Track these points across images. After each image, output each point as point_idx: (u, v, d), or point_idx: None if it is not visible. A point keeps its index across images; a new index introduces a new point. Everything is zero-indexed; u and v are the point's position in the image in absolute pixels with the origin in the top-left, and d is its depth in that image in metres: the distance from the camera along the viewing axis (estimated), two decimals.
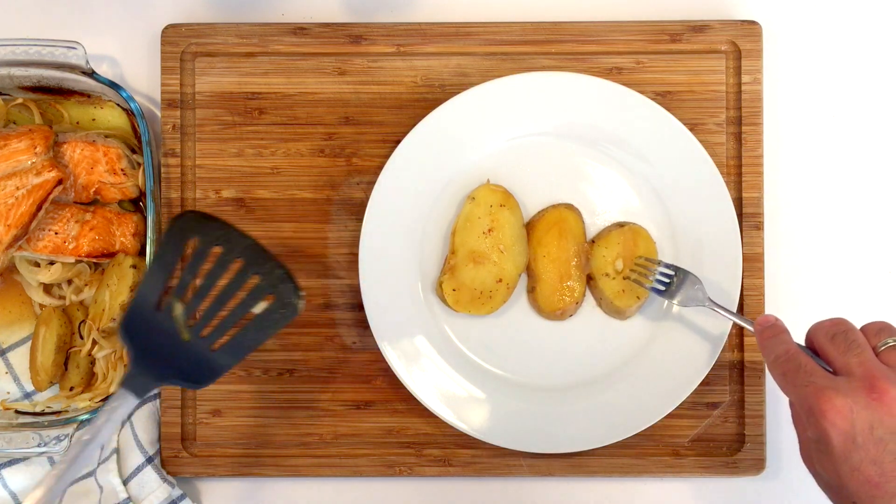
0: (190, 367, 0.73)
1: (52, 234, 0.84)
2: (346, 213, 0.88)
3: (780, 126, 0.90)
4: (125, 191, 0.86)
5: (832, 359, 0.66)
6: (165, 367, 0.72)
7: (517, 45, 0.88)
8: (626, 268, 0.85)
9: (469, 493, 0.89)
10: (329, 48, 0.89)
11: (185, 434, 0.88)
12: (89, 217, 0.85)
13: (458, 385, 0.86)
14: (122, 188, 0.86)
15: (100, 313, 0.84)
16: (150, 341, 0.73)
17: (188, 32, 0.88)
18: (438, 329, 0.87)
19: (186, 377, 0.73)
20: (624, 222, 0.86)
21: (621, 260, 0.85)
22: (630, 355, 0.87)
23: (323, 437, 0.88)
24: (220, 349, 0.73)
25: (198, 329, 0.74)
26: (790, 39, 0.91)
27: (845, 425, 0.62)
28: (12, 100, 0.87)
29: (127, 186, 0.86)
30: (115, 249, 0.86)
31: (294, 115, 0.89)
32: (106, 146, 0.85)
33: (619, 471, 0.87)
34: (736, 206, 0.86)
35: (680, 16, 0.90)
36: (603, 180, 0.87)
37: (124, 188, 0.86)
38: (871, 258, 0.90)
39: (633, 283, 0.84)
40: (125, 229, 0.86)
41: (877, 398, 0.62)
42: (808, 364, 0.66)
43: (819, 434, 0.63)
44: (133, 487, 0.85)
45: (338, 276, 0.88)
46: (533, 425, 0.85)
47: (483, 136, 0.87)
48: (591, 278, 0.86)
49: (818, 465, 0.65)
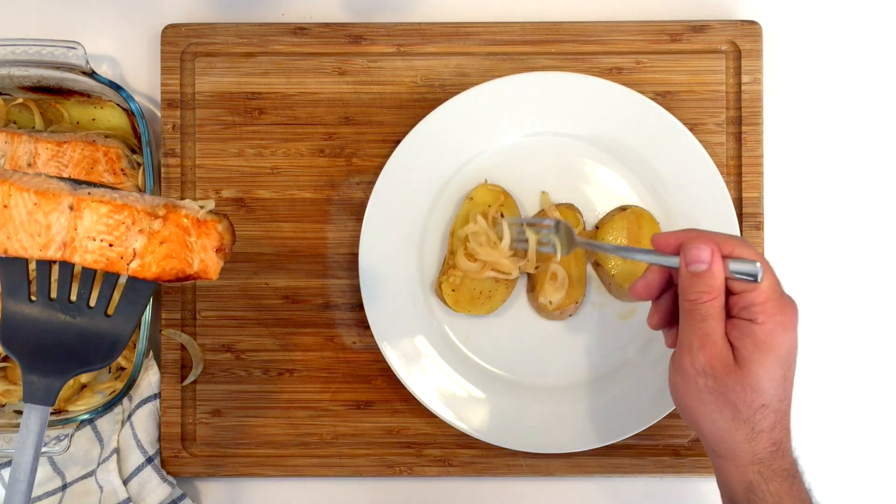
0: (89, 348, 0.67)
1: (105, 246, 0.66)
2: (346, 213, 0.88)
3: (780, 126, 0.90)
4: None
5: None
6: (63, 360, 0.67)
7: (517, 45, 0.88)
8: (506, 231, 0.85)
9: (469, 493, 0.89)
10: (329, 48, 0.89)
11: (185, 434, 0.88)
12: (159, 226, 0.66)
13: (458, 385, 0.86)
14: (121, 188, 0.85)
15: None
16: (38, 340, 0.67)
17: (188, 32, 0.88)
18: (438, 329, 0.87)
19: (88, 360, 0.67)
20: (626, 205, 0.86)
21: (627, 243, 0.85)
22: (630, 355, 0.87)
23: (323, 437, 0.88)
24: (118, 310, 0.67)
25: (82, 303, 0.67)
26: (790, 39, 0.91)
27: None
28: (12, 100, 0.87)
29: (127, 187, 0.86)
30: (192, 272, 0.67)
31: (294, 115, 0.89)
32: (106, 146, 0.85)
33: (619, 471, 0.87)
34: (736, 206, 0.86)
35: (680, 16, 0.90)
36: (603, 180, 0.87)
37: (124, 188, 0.86)
38: (871, 258, 0.90)
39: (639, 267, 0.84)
40: (206, 242, 0.67)
41: None
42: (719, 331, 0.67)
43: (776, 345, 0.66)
44: (133, 487, 0.85)
45: (338, 276, 0.88)
46: (533, 425, 0.85)
47: (483, 136, 0.87)
48: (598, 265, 0.86)
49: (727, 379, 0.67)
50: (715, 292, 0.66)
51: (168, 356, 0.87)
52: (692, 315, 0.67)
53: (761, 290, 0.66)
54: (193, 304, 0.88)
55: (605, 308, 0.87)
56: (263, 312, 0.88)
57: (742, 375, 0.65)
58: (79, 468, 0.87)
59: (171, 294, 0.88)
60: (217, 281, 0.87)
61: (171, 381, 0.87)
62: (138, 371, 0.82)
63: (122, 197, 0.67)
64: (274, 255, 0.88)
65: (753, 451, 0.66)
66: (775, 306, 0.66)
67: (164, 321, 0.88)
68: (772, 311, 0.66)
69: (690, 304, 0.67)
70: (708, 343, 0.66)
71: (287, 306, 0.88)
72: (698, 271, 0.66)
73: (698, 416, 0.68)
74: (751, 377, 0.65)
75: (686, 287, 0.67)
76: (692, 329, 0.67)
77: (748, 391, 0.65)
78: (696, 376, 0.67)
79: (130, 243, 0.66)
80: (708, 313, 0.66)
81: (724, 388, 0.66)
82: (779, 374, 0.66)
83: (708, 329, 0.66)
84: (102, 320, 0.68)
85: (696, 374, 0.67)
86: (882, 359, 0.90)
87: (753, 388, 0.65)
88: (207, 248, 0.67)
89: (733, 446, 0.67)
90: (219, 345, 0.88)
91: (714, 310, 0.66)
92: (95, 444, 0.87)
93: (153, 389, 0.87)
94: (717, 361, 0.66)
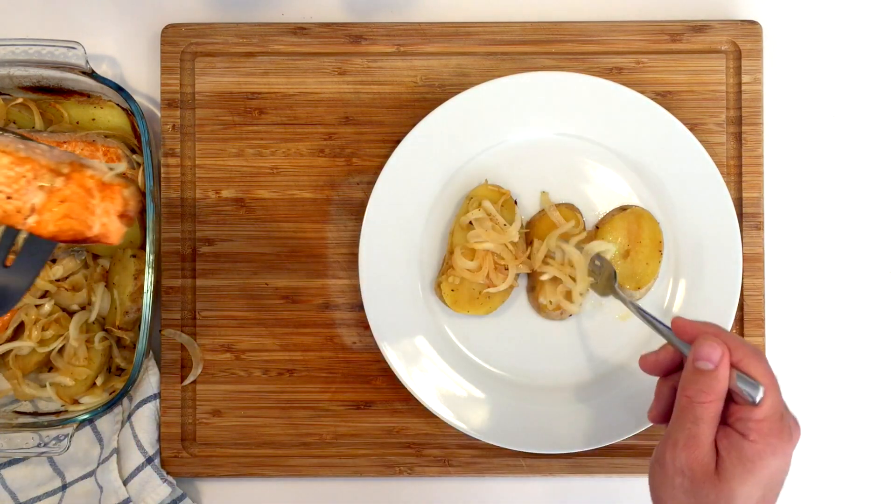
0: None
1: (2, 198, 0.62)
2: (346, 213, 0.88)
3: (780, 126, 0.90)
4: None
5: None
6: None
7: (517, 45, 0.88)
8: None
9: (469, 493, 0.89)
10: (329, 48, 0.89)
11: (185, 434, 0.88)
12: (61, 184, 0.64)
13: (458, 385, 0.86)
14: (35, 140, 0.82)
15: (113, 312, 0.85)
16: None
17: (188, 32, 0.88)
18: (438, 329, 0.87)
19: None
20: (626, 206, 0.86)
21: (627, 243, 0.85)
22: (630, 355, 0.87)
23: (323, 437, 0.88)
24: (17, 262, 0.65)
25: None
26: (790, 39, 0.91)
27: None
28: (12, 100, 0.87)
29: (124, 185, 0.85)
30: (91, 234, 0.65)
31: (294, 115, 0.89)
32: (106, 146, 0.85)
33: (619, 471, 0.87)
34: (736, 206, 0.86)
35: (680, 16, 0.90)
36: (603, 180, 0.87)
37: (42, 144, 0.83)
38: (870, 258, 0.90)
39: (642, 264, 0.84)
40: (109, 206, 0.65)
41: None
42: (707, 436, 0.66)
43: None
44: (133, 487, 0.85)
45: (338, 276, 0.88)
46: (533, 425, 0.85)
47: (483, 136, 0.87)
48: None
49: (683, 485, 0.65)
50: (714, 395, 0.65)
51: (168, 356, 0.87)
52: (685, 412, 0.65)
53: (761, 408, 0.64)
54: (193, 304, 0.88)
55: (605, 308, 0.87)
56: (263, 312, 0.88)
57: (720, 487, 0.64)
58: (79, 468, 0.87)
59: (171, 294, 0.88)
60: (217, 281, 0.88)
61: (171, 381, 0.87)
62: (138, 371, 0.82)
63: (27, 149, 0.64)
64: (274, 255, 0.88)
65: None
66: (771, 428, 0.64)
67: (164, 321, 0.88)
68: (766, 432, 0.64)
69: (687, 399, 0.65)
70: (693, 445, 0.65)
71: (287, 306, 0.88)
72: (704, 369, 0.65)
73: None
74: (727, 491, 0.64)
75: (687, 381, 0.66)
76: (681, 427, 0.65)
77: (721, 501, 0.64)
78: (675, 474, 0.65)
79: (29, 198, 0.63)
80: (701, 416, 0.65)
81: (698, 492, 0.64)
82: (756, 495, 0.64)
83: (697, 431, 0.65)
84: (0, 272, 0.65)
85: (675, 472, 0.65)
86: (882, 359, 0.90)
87: (727, 500, 0.64)
88: (110, 212, 0.65)
89: None
90: (219, 345, 0.88)
91: (709, 414, 0.65)
92: (95, 445, 0.87)
93: (153, 389, 0.87)
94: (698, 465, 0.64)
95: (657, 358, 0.71)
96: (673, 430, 0.66)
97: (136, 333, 0.85)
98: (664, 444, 0.66)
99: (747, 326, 0.87)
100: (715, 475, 0.64)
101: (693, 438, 0.65)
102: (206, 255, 0.88)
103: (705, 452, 0.65)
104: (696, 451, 0.65)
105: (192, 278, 0.88)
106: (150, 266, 0.82)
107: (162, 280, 0.88)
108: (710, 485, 0.64)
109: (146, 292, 0.82)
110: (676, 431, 0.66)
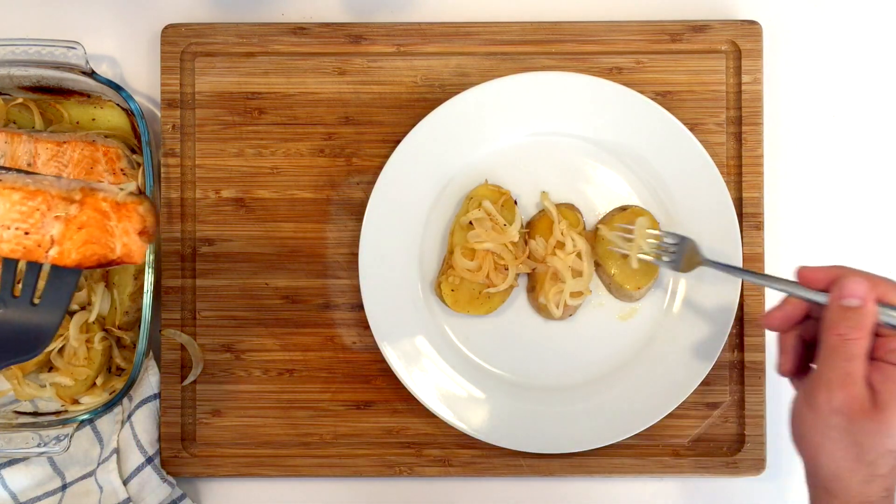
0: (16, 339, 0.65)
1: (20, 234, 0.63)
2: (346, 213, 0.88)
3: (780, 126, 0.90)
4: None
5: None
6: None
7: (517, 45, 0.88)
8: (637, 239, 0.84)
9: (469, 493, 0.89)
10: (329, 48, 0.89)
11: (185, 434, 0.88)
12: (76, 210, 0.64)
13: (458, 385, 0.86)
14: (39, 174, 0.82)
15: (113, 312, 0.85)
16: None
17: (188, 32, 0.88)
18: (438, 329, 0.87)
19: (16, 351, 0.66)
20: (626, 205, 0.86)
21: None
22: (630, 355, 0.87)
23: (323, 437, 0.88)
24: (44, 299, 0.65)
25: (6, 293, 0.65)
26: (790, 39, 0.91)
27: None
28: (12, 100, 0.87)
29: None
30: (115, 257, 0.66)
31: (294, 115, 0.89)
32: (106, 146, 0.85)
33: (619, 471, 0.87)
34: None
35: (680, 16, 0.90)
36: (603, 180, 0.87)
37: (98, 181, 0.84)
38: (871, 258, 0.90)
39: (642, 263, 0.84)
40: (127, 225, 0.66)
41: None
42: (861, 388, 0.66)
43: None
44: (133, 487, 0.85)
45: (338, 276, 0.88)
46: (533, 425, 0.85)
47: (482, 136, 0.87)
48: (598, 265, 0.86)
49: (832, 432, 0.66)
50: (864, 330, 0.65)
51: (168, 356, 0.87)
52: (837, 352, 0.66)
53: None
54: (193, 304, 0.88)
55: (605, 308, 0.87)
56: (263, 312, 0.88)
57: (878, 419, 0.64)
58: (79, 468, 0.87)
59: (171, 294, 0.88)
60: (217, 281, 0.88)
61: (170, 381, 0.87)
62: (138, 371, 0.82)
63: (35, 182, 0.64)
64: (274, 255, 0.88)
65: (865, 494, 0.65)
66: None
67: (164, 321, 0.88)
68: None
69: (838, 338, 0.65)
70: (849, 382, 0.65)
71: (287, 306, 0.88)
72: (851, 306, 0.66)
73: (820, 451, 0.66)
74: (886, 422, 0.64)
75: (835, 321, 0.66)
76: (833, 366, 0.65)
77: (880, 435, 0.64)
78: (830, 414, 0.65)
79: (47, 230, 0.63)
80: (854, 353, 0.65)
81: (855, 428, 0.65)
82: None
83: (850, 369, 0.65)
84: (29, 310, 0.65)
85: (831, 412, 0.65)
86: None
87: (886, 433, 0.64)
88: (129, 231, 0.65)
89: (848, 486, 0.66)
90: (219, 345, 0.88)
91: (861, 349, 0.65)
92: (95, 445, 0.87)
93: (153, 389, 0.87)
94: (856, 402, 0.64)
95: (784, 313, 0.71)
96: (824, 373, 0.66)
97: (136, 333, 0.85)
98: (815, 387, 0.66)
99: (747, 326, 0.87)
100: (872, 409, 0.64)
101: (848, 376, 0.65)
102: (205, 255, 0.88)
103: (860, 388, 0.65)
104: (853, 388, 0.65)
105: (192, 278, 0.88)
106: (150, 266, 0.82)
107: (162, 280, 0.88)
108: (868, 420, 0.64)
109: (146, 292, 0.82)
110: (828, 372, 0.65)
